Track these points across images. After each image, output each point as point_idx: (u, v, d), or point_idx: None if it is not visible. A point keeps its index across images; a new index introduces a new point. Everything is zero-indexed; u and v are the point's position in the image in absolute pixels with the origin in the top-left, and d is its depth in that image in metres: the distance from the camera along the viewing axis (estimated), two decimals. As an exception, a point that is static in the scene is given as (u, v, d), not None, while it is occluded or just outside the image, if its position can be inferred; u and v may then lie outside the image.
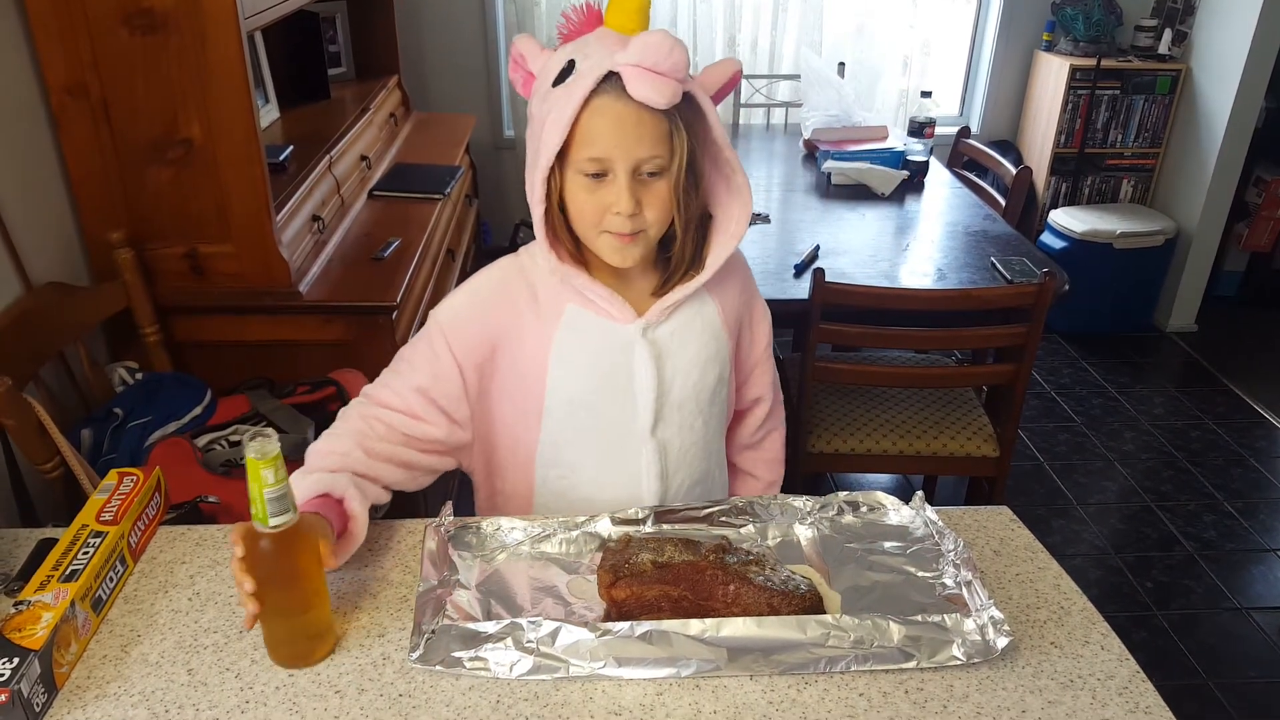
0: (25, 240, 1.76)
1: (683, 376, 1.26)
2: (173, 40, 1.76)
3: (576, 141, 1.10)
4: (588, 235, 1.17)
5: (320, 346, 2.03)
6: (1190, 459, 3.26)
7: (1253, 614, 2.59)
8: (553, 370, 1.23)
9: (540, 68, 1.16)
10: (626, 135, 1.09)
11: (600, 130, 1.09)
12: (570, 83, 1.09)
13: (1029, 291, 2.12)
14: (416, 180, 2.73)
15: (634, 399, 1.25)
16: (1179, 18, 4.00)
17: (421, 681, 1.00)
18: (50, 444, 1.56)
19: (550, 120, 1.10)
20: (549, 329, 1.22)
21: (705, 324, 1.27)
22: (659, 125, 1.10)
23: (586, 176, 1.12)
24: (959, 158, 3.37)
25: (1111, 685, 1.01)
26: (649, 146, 1.10)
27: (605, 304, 1.21)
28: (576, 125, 1.09)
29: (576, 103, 1.08)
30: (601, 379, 1.24)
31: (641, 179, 1.12)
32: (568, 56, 1.11)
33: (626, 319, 1.22)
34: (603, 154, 1.10)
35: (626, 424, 1.26)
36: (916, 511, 1.22)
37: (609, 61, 1.07)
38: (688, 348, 1.26)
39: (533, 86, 1.17)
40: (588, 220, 1.15)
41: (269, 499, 0.93)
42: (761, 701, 0.98)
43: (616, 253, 1.16)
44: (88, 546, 1.09)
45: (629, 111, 1.08)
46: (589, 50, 1.10)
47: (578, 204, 1.14)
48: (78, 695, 0.98)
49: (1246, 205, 4.18)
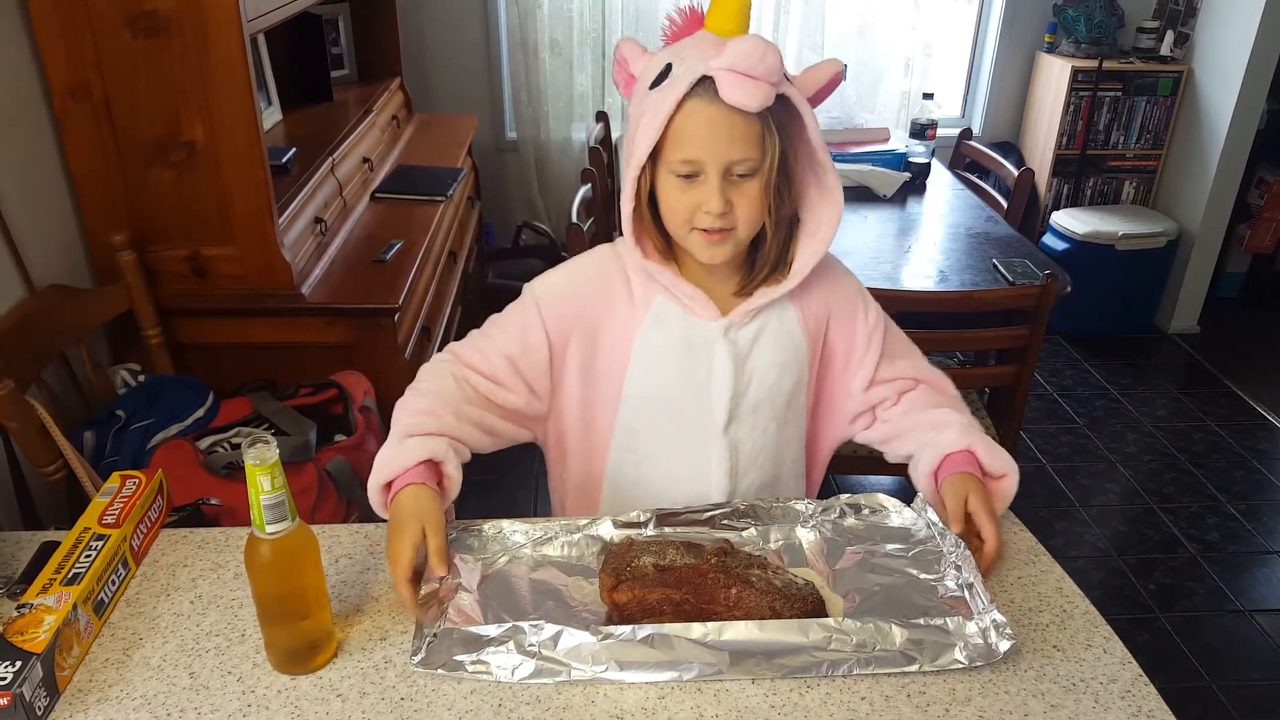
0: (27, 242, 1.76)
1: (759, 379, 1.28)
2: (175, 42, 1.76)
3: (670, 143, 1.14)
4: (678, 232, 1.20)
5: (322, 348, 2.03)
6: (1193, 461, 3.26)
7: (1256, 616, 2.59)
8: (635, 359, 1.26)
9: (641, 70, 1.19)
10: (718, 138, 1.12)
11: (693, 132, 1.12)
12: (665, 86, 1.12)
13: (1031, 293, 2.12)
14: (419, 182, 2.74)
15: (710, 396, 1.27)
16: (1181, 19, 3.99)
17: (423, 685, 1.00)
18: (53, 446, 1.56)
19: (644, 121, 1.13)
20: (636, 319, 1.25)
21: (784, 328, 1.28)
22: (751, 127, 1.12)
23: (679, 177, 1.15)
24: (961, 159, 3.37)
25: (1114, 689, 1.01)
26: (740, 149, 1.12)
27: (690, 300, 1.24)
28: (670, 127, 1.12)
29: (670, 105, 1.11)
30: (681, 373, 1.26)
31: (732, 180, 1.15)
32: (665, 60, 1.14)
33: (710, 316, 1.25)
34: (695, 156, 1.13)
35: (701, 420, 1.28)
36: (918, 513, 1.22)
37: (703, 65, 1.09)
38: (766, 352, 1.28)
39: (633, 89, 1.20)
40: (679, 217, 1.17)
41: (265, 506, 0.94)
42: (764, 705, 0.97)
43: (705, 250, 1.19)
44: (90, 549, 1.09)
45: (721, 115, 1.10)
46: (685, 54, 1.13)
47: (669, 202, 1.17)
48: (80, 699, 0.98)
49: (1249, 207, 4.18)
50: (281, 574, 0.97)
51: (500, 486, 2.85)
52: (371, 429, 1.94)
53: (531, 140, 4.05)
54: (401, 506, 1.10)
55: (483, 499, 2.84)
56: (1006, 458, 1.24)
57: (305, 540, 0.98)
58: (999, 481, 1.24)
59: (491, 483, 2.90)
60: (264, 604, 1.00)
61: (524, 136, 4.06)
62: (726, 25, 1.13)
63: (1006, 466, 1.24)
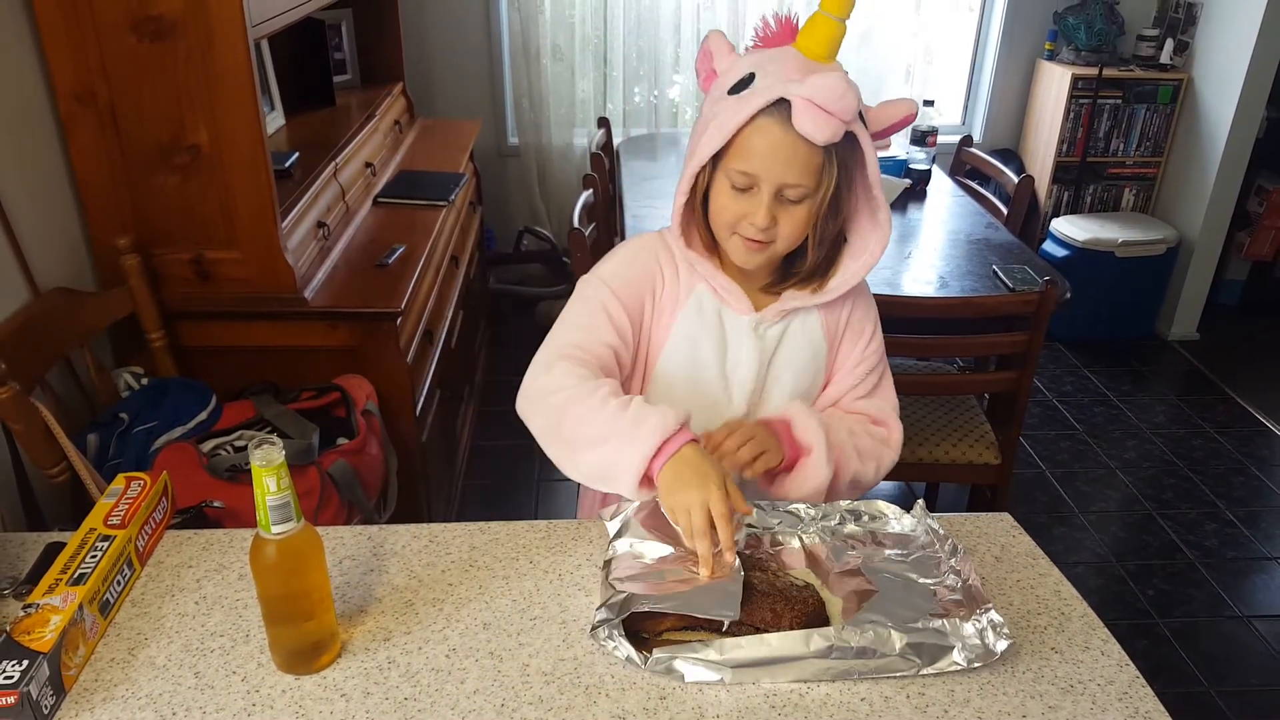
0: (32, 245, 1.77)
1: (781, 377, 1.32)
2: (180, 47, 1.77)
3: (733, 151, 1.17)
4: (720, 233, 1.24)
5: (325, 352, 2.04)
6: (1192, 467, 3.27)
7: (1254, 622, 2.59)
8: (672, 340, 1.29)
9: (725, 69, 1.22)
10: (779, 160, 1.15)
11: (757, 148, 1.15)
12: (744, 96, 1.15)
13: (1031, 299, 2.13)
14: (421, 187, 2.74)
15: (732, 388, 1.31)
16: (1181, 27, 4.01)
17: (426, 685, 1.01)
18: (56, 448, 1.57)
19: (716, 124, 1.16)
20: (679, 302, 1.29)
21: (807, 333, 1.33)
22: (813, 157, 1.15)
23: (734, 185, 1.18)
24: (961, 166, 3.38)
25: (1111, 690, 1.01)
26: (798, 175, 1.15)
27: (726, 293, 1.28)
28: (737, 136, 1.16)
29: (743, 117, 1.14)
30: (710, 361, 1.30)
31: (783, 200, 1.18)
32: (750, 68, 1.17)
33: (743, 310, 1.29)
34: (753, 170, 1.16)
35: (720, 410, 1.31)
36: (918, 520, 1.23)
37: (783, 87, 1.12)
38: (790, 352, 1.32)
39: (713, 84, 1.23)
40: (724, 220, 1.21)
41: (271, 507, 0.94)
42: (764, 706, 0.98)
43: (742, 254, 1.23)
44: (96, 550, 1.10)
45: (788, 138, 1.13)
46: (770, 69, 1.15)
47: (719, 204, 1.21)
48: (85, 698, 0.99)
49: (1248, 214, 4.19)
50: (287, 574, 0.98)
51: (502, 488, 2.86)
52: (374, 432, 1.95)
53: (533, 145, 4.06)
54: (690, 461, 1.10)
55: (485, 505, 2.84)
56: (817, 436, 1.24)
57: (310, 541, 0.99)
58: (805, 458, 1.25)
59: (489, 486, 2.91)
60: (269, 604, 1.01)
61: (525, 142, 4.07)
62: (816, 49, 1.17)
63: (812, 443, 1.24)
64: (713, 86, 1.23)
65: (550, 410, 1.18)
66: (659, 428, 1.11)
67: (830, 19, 1.15)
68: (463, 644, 1.06)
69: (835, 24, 1.15)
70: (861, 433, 1.34)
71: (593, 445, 1.14)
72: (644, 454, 1.10)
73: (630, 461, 1.11)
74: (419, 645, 1.06)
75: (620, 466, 1.12)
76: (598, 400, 1.15)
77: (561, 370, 1.19)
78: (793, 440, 1.26)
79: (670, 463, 1.10)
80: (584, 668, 1.03)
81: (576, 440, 1.16)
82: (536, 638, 1.07)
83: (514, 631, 1.08)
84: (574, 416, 1.15)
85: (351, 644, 1.06)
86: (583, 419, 1.15)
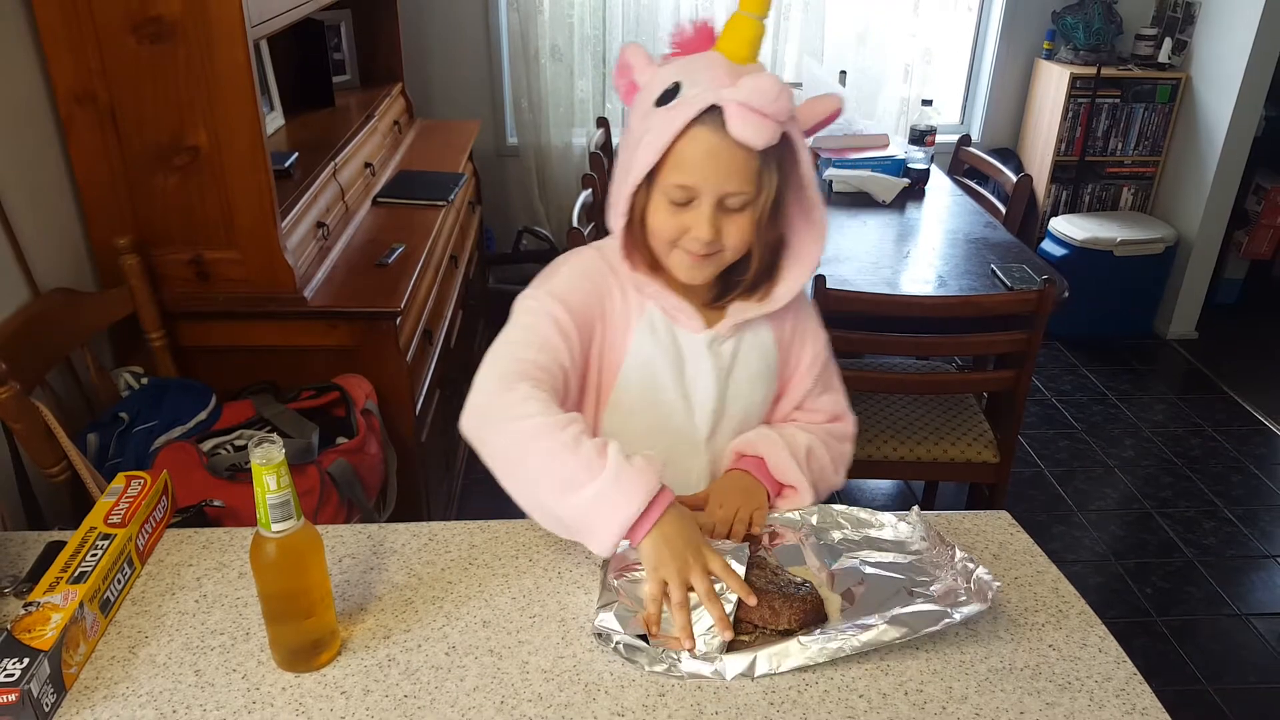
0: (33, 246, 1.78)
1: (739, 392, 1.30)
2: (180, 48, 1.78)
3: (668, 166, 1.13)
4: (661, 250, 1.20)
5: (324, 352, 2.04)
6: (1190, 466, 3.27)
7: (1253, 620, 2.60)
8: (627, 364, 1.25)
9: (647, 81, 1.18)
10: (718, 169, 1.11)
11: (693, 159, 1.11)
12: (673, 107, 1.11)
13: (1029, 298, 2.14)
14: (420, 187, 2.75)
15: (693, 408, 1.28)
16: (1179, 27, 4.01)
17: (426, 682, 1.01)
18: (57, 448, 1.57)
19: (647, 140, 1.12)
20: (630, 323, 1.25)
21: (759, 344, 1.31)
22: (751, 162, 1.12)
23: (671, 200, 1.15)
24: (960, 165, 3.39)
25: (1109, 687, 1.02)
26: (738, 182, 1.13)
27: (677, 311, 1.25)
28: (671, 149, 1.11)
29: (676, 129, 1.10)
30: (669, 383, 1.26)
31: (725, 209, 1.15)
32: (675, 77, 1.13)
33: (695, 328, 1.26)
34: (691, 182, 1.12)
35: (684, 431, 1.29)
36: (914, 526, 1.23)
37: (714, 94, 1.09)
38: (746, 366, 1.30)
39: (635, 98, 1.19)
40: (664, 237, 1.17)
41: (271, 505, 0.95)
42: (763, 703, 0.99)
43: (687, 270, 1.19)
44: (96, 549, 1.10)
45: (724, 146, 1.10)
46: (697, 76, 1.11)
47: (658, 221, 1.17)
48: (86, 695, 0.99)
49: (1246, 213, 4.20)
50: (287, 572, 0.98)
51: (501, 487, 2.86)
52: (373, 431, 1.95)
53: (532, 145, 4.07)
54: (672, 537, 1.05)
55: (485, 504, 2.84)
56: (798, 474, 1.26)
57: (310, 539, 1.00)
58: (790, 491, 1.27)
59: (488, 484, 2.91)
60: (269, 602, 1.01)
61: (525, 142, 4.07)
62: (739, 51, 1.14)
63: (794, 480, 1.26)
64: (636, 100, 1.18)
65: (515, 438, 1.08)
66: (643, 489, 1.04)
67: (750, 18, 1.12)
68: (462, 642, 1.07)
69: (756, 23, 1.12)
70: (829, 442, 1.34)
71: (563, 492, 1.05)
72: (627, 518, 1.03)
73: (609, 524, 1.04)
74: (419, 643, 1.06)
75: (597, 525, 1.05)
76: (569, 438, 1.06)
77: (525, 393, 1.10)
78: (771, 478, 1.27)
79: (654, 532, 1.05)
80: (583, 665, 1.03)
81: (543, 481, 1.07)
82: (536, 635, 1.08)
83: (513, 629, 1.09)
84: (543, 452, 1.06)
85: (351, 642, 1.07)
86: (554, 457, 1.06)
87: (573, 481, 1.05)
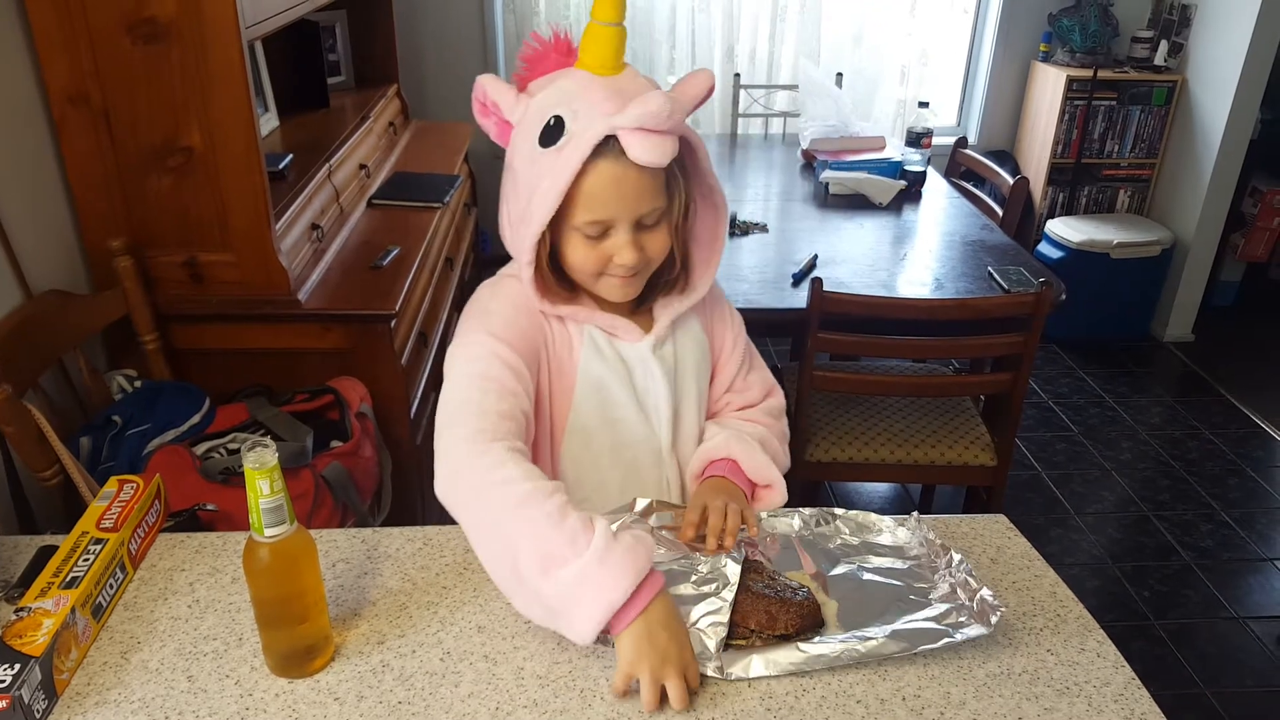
0: (26, 247, 1.77)
1: (687, 389, 1.29)
2: (174, 49, 1.77)
3: (575, 206, 1.09)
4: (587, 280, 1.18)
5: (319, 354, 2.03)
6: (1187, 468, 3.27)
7: (1250, 623, 2.60)
8: (579, 391, 1.22)
9: (519, 118, 1.13)
10: (627, 196, 1.09)
11: (600, 194, 1.08)
12: (563, 146, 1.07)
13: (1026, 301, 2.13)
14: (415, 189, 2.74)
15: (651, 419, 1.27)
16: (1175, 29, 4.02)
17: (420, 688, 1.00)
18: (49, 451, 1.56)
19: (544, 187, 1.08)
20: (574, 349, 1.22)
21: (690, 333, 1.30)
22: (657, 178, 1.11)
23: (586, 235, 1.12)
24: (956, 168, 3.39)
25: (1107, 692, 1.01)
26: (650, 201, 1.11)
27: (614, 328, 1.22)
28: (573, 189, 1.08)
29: (573, 170, 1.06)
30: (624, 399, 1.24)
31: (642, 227, 1.13)
32: (552, 111, 1.08)
33: (636, 338, 1.24)
34: (605, 216, 1.10)
35: (647, 442, 1.27)
36: (912, 531, 1.22)
37: (604, 124, 1.05)
38: (688, 361, 1.29)
39: (511, 136, 1.15)
40: (589, 270, 1.15)
41: (264, 510, 0.94)
42: (759, 709, 0.98)
43: (619, 291, 1.18)
44: (88, 553, 1.09)
45: (629, 172, 1.08)
46: (576, 107, 1.07)
47: (578, 257, 1.14)
48: (78, 702, 0.98)
49: (1243, 215, 4.20)
50: (280, 577, 0.97)
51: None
52: (368, 434, 1.94)
53: (528, 147, 4.05)
54: (655, 633, 0.97)
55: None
56: (771, 470, 1.26)
57: (303, 544, 0.99)
58: (765, 490, 1.27)
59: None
60: (262, 607, 1.00)
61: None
62: (605, 65, 1.09)
63: (770, 478, 1.26)
64: (515, 140, 1.13)
65: (496, 506, 1.01)
66: (632, 570, 0.96)
67: (608, 27, 1.08)
68: (457, 647, 1.06)
69: (615, 30, 1.08)
70: (772, 425, 1.35)
71: (544, 567, 0.97)
72: (611, 603, 0.95)
73: (593, 608, 0.96)
74: (413, 648, 1.06)
75: (578, 608, 0.96)
76: (554, 508, 0.99)
77: (499, 456, 1.03)
78: (746, 479, 1.26)
79: (639, 622, 0.96)
80: (579, 671, 1.03)
81: (523, 554, 0.98)
82: (531, 641, 1.07)
83: (508, 635, 1.08)
84: (525, 520, 0.99)
85: (345, 647, 1.06)
86: (536, 527, 0.98)
87: (555, 557, 0.97)
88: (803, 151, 3.37)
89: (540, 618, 1.02)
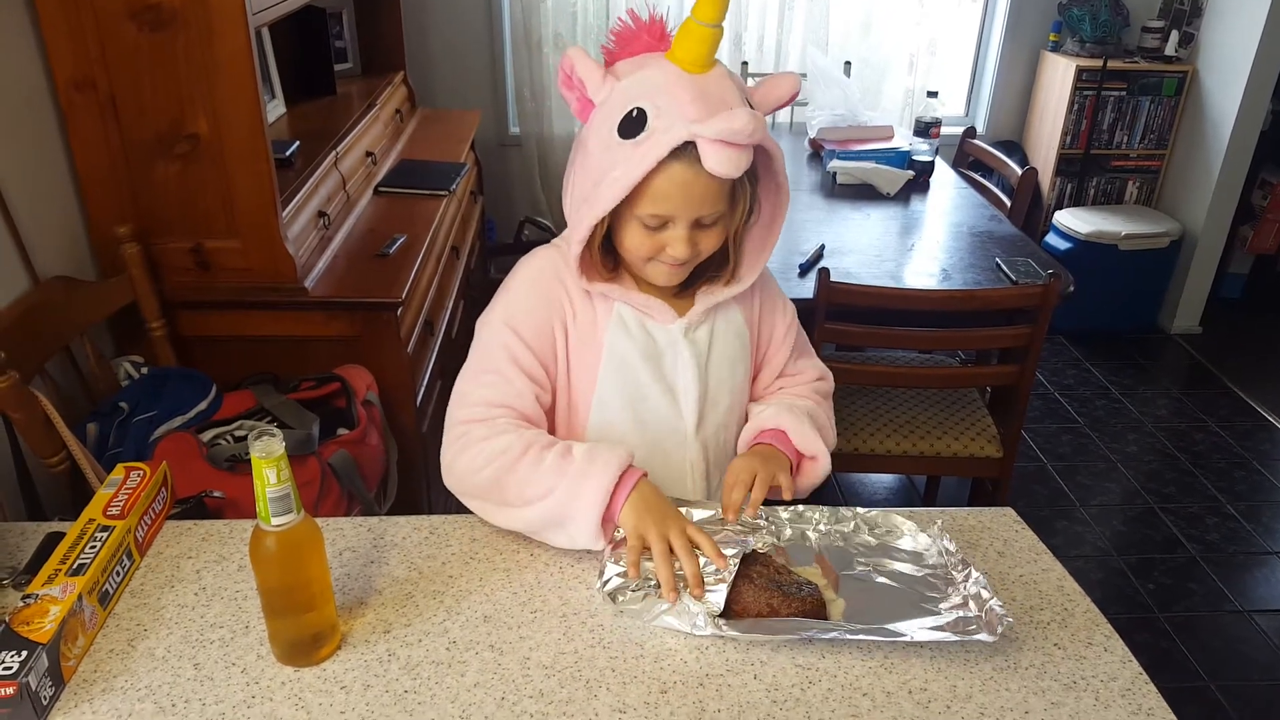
0: (32, 234, 1.77)
1: (719, 376, 1.29)
2: (180, 36, 1.76)
3: (641, 197, 1.12)
4: (636, 264, 1.20)
5: (325, 342, 2.03)
6: (1193, 461, 3.26)
7: (1255, 617, 2.59)
8: (604, 366, 1.24)
9: (603, 98, 1.13)
10: (692, 199, 1.11)
11: (668, 192, 1.11)
12: (642, 142, 1.08)
13: (1034, 292, 2.13)
14: (422, 176, 2.73)
15: (678, 398, 1.27)
16: (1186, 19, 3.99)
17: (426, 678, 1.00)
18: (56, 438, 1.57)
19: (614, 176, 1.10)
20: (599, 324, 1.24)
21: (731, 324, 1.30)
22: (725, 184, 1.12)
23: (645, 225, 1.14)
24: (964, 158, 3.37)
25: (1114, 687, 1.01)
26: (711, 206, 1.13)
27: (646, 308, 1.24)
28: (641, 182, 1.10)
29: (647, 167, 1.08)
30: (650, 379, 1.25)
31: (700, 226, 1.15)
32: (636, 103, 1.09)
33: (668, 320, 1.25)
34: (665, 212, 1.12)
35: (671, 423, 1.28)
36: (934, 540, 1.20)
37: (685, 129, 1.06)
38: (723, 348, 1.29)
39: (591, 117, 1.15)
40: (641, 255, 1.18)
41: (271, 499, 0.94)
42: (765, 701, 0.98)
43: (665, 276, 1.20)
44: (95, 540, 1.09)
45: (699, 180, 1.09)
46: (660, 103, 1.08)
47: (634, 242, 1.17)
48: (85, 689, 0.98)
49: (1252, 208, 4.18)
50: (286, 566, 0.98)
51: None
52: (374, 422, 1.94)
53: (534, 135, 4.05)
54: (651, 499, 1.12)
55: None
56: (818, 443, 1.28)
57: (310, 533, 0.99)
58: (810, 462, 1.29)
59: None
60: (268, 596, 1.00)
61: (527, 132, 4.05)
62: (696, 63, 1.09)
63: (816, 449, 1.28)
64: (595, 121, 1.14)
65: (484, 487, 1.17)
66: (615, 462, 1.12)
67: (706, 27, 1.07)
68: (463, 636, 1.06)
69: (712, 31, 1.07)
70: (822, 403, 1.37)
71: (541, 499, 1.13)
72: (602, 487, 1.10)
73: (590, 499, 1.10)
74: (419, 638, 1.06)
75: (577, 506, 1.11)
76: (531, 459, 1.14)
77: (477, 444, 1.17)
78: (792, 447, 1.27)
79: (633, 496, 1.11)
80: (585, 661, 1.03)
81: (523, 501, 1.15)
82: (537, 630, 1.07)
83: (514, 624, 1.08)
84: (516, 481, 1.14)
85: (351, 636, 1.06)
86: (525, 482, 1.14)
87: (548, 487, 1.12)
88: (810, 141, 3.36)
89: (548, 530, 1.16)
